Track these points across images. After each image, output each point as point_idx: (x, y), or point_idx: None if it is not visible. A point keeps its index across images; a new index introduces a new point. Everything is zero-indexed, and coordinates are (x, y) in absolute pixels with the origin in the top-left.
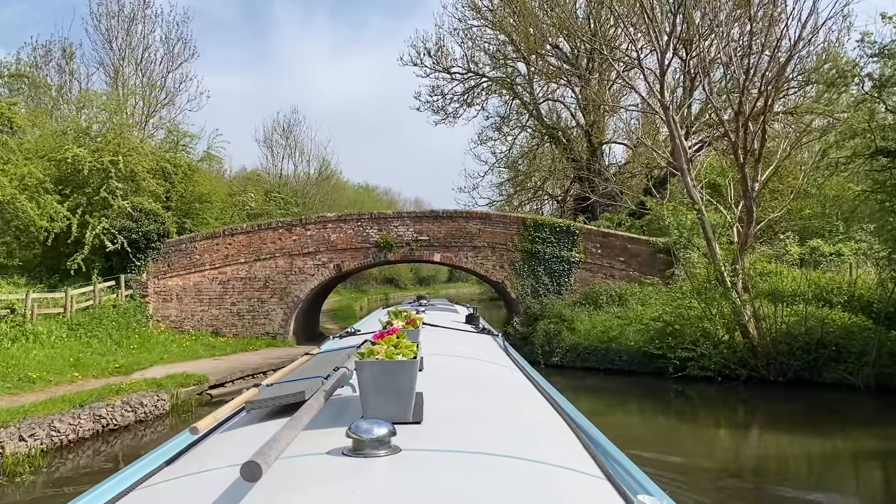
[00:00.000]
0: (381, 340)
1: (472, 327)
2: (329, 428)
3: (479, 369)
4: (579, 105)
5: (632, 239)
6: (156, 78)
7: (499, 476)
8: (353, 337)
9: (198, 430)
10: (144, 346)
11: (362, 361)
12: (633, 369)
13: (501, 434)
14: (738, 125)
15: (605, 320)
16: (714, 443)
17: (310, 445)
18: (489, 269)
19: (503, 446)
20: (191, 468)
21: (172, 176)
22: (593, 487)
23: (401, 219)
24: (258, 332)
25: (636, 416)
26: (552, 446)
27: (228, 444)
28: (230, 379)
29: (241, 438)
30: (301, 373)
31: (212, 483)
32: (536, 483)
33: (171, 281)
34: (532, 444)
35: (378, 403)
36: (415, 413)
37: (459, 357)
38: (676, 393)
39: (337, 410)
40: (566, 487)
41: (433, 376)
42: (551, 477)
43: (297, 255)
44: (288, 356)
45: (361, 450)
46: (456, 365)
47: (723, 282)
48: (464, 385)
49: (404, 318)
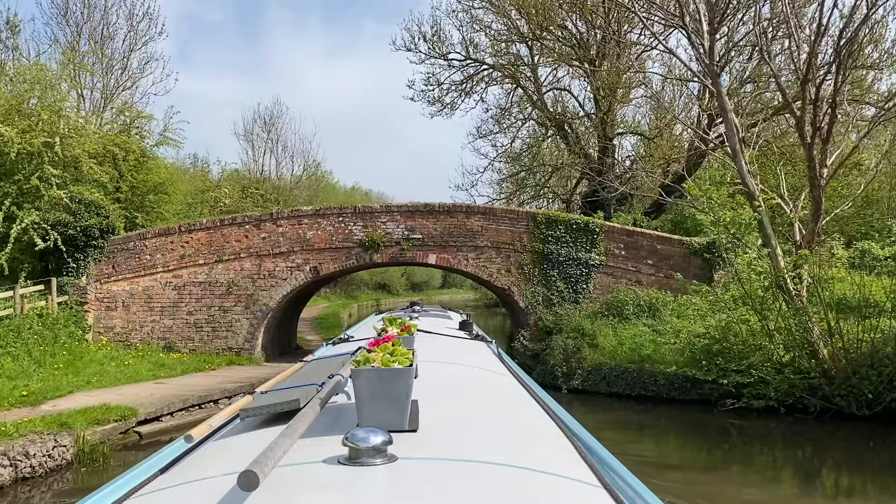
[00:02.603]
0: (376, 348)
1: (465, 334)
2: (325, 436)
3: (473, 376)
4: (593, 90)
5: (662, 238)
6: (116, 58)
7: (495, 485)
8: (347, 343)
9: (192, 438)
10: (73, 366)
11: (358, 369)
12: (672, 396)
13: (498, 442)
14: (803, 96)
15: (635, 335)
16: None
17: (306, 454)
18: (493, 273)
19: (500, 454)
20: (186, 477)
21: (122, 163)
22: (590, 496)
23: (389, 213)
24: (219, 347)
25: (679, 461)
26: (548, 454)
27: (223, 453)
28: (168, 411)
29: (236, 446)
30: (295, 380)
31: (208, 492)
32: (533, 492)
33: (117, 285)
34: (528, 453)
35: (374, 411)
36: (411, 421)
37: (454, 364)
38: (729, 428)
39: (332, 418)
40: (563, 496)
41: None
42: (548, 486)
43: (267, 256)
44: (252, 378)
45: (358, 458)
46: (451, 372)
47: (786, 289)
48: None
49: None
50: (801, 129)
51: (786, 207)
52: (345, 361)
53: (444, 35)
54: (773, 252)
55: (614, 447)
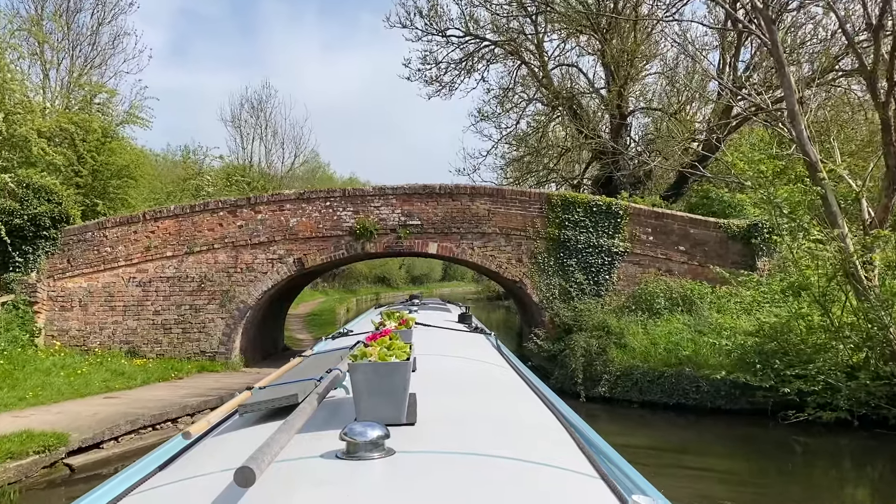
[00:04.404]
0: (373, 342)
1: (464, 326)
2: (322, 431)
3: (472, 369)
4: (606, 61)
5: (695, 221)
6: (84, 33)
7: (494, 477)
8: (346, 338)
9: (191, 435)
10: (10, 378)
11: (355, 364)
12: (718, 406)
13: (496, 435)
14: (876, 47)
15: (670, 333)
16: None
17: (303, 449)
18: (502, 263)
19: (498, 447)
20: (184, 473)
21: (81, 144)
22: (588, 487)
23: (383, 197)
24: (191, 352)
25: (735, 490)
26: (547, 446)
27: (222, 449)
28: (111, 436)
29: (234, 442)
30: (293, 375)
31: (205, 488)
32: (531, 483)
33: (73, 282)
34: (527, 445)
35: (371, 405)
36: (409, 415)
37: (453, 357)
38: (792, 445)
39: (330, 413)
40: (561, 488)
41: (426, 377)
42: (546, 477)
43: (245, 247)
44: (222, 389)
45: (355, 453)
46: (449, 365)
47: (856, 278)
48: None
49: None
50: (872, 88)
51: (851, 182)
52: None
53: (441, 10)
54: (842, 234)
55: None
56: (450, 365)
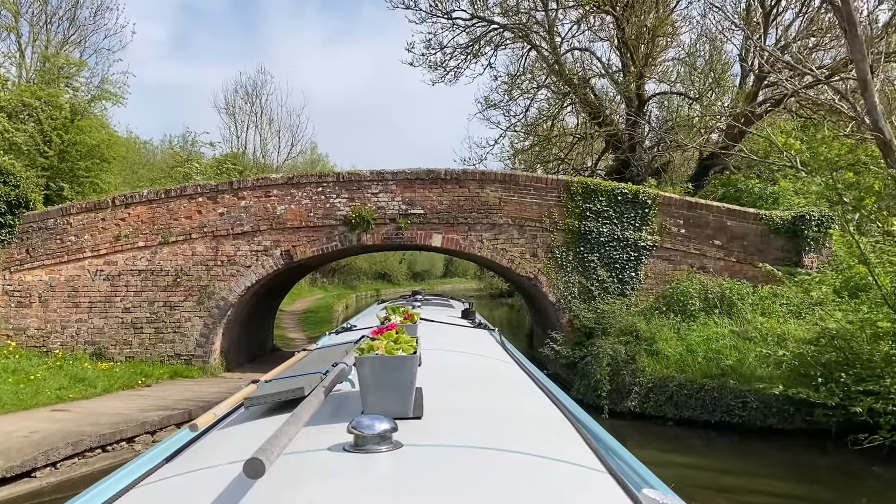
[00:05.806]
0: (380, 336)
1: (468, 322)
2: (329, 424)
3: (477, 364)
4: (624, 41)
5: (732, 212)
6: (63, 6)
7: (501, 471)
8: (350, 332)
9: (197, 427)
10: None
11: (362, 357)
12: (769, 425)
13: (502, 429)
14: None
15: (709, 339)
16: None
17: (311, 441)
18: (515, 257)
19: (504, 441)
20: (192, 465)
21: (46, 122)
22: (596, 482)
23: (382, 182)
24: (164, 354)
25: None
26: (553, 441)
27: (229, 441)
28: (46, 462)
29: (241, 435)
30: (299, 369)
31: (214, 480)
32: (539, 477)
33: (32, 274)
34: (533, 439)
35: (378, 399)
36: (415, 408)
37: (457, 352)
38: (862, 477)
39: (337, 406)
40: (569, 482)
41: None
42: (554, 471)
43: (226, 237)
44: (194, 400)
45: (363, 445)
46: (454, 360)
47: None
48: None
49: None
50: None
51: None
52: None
53: None
54: None
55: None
56: (455, 360)
